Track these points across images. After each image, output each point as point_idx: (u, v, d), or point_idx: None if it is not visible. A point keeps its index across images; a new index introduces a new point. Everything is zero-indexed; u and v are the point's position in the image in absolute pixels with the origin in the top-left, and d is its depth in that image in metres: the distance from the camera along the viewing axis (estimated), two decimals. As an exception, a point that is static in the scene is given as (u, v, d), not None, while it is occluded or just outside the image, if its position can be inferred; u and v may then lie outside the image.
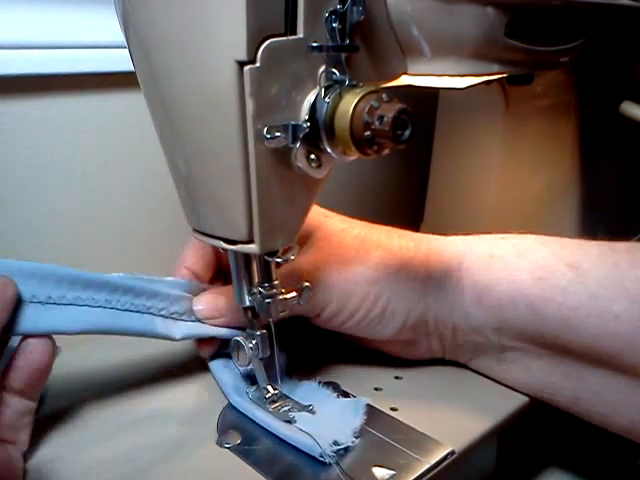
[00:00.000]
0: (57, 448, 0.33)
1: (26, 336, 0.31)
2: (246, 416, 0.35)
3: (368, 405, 0.36)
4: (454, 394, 0.38)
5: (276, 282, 0.35)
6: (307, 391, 0.37)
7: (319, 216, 0.40)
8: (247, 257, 0.35)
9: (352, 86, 0.28)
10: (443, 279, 0.37)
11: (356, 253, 0.37)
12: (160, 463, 0.32)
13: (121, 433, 0.34)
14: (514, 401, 0.38)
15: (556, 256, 0.36)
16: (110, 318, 0.34)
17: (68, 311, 0.33)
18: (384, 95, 0.27)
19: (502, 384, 0.39)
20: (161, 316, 0.36)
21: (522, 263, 0.36)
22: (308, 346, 0.43)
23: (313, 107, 0.28)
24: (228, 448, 0.33)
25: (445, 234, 0.41)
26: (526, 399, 0.38)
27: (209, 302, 0.38)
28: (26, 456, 0.32)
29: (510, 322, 0.36)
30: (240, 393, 0.37)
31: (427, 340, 0.39)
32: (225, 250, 0.34)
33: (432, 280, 0.37)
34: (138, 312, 0.35)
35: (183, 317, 0.37)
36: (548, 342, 0.35)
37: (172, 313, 0.37)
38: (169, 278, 0.39)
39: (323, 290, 0.37)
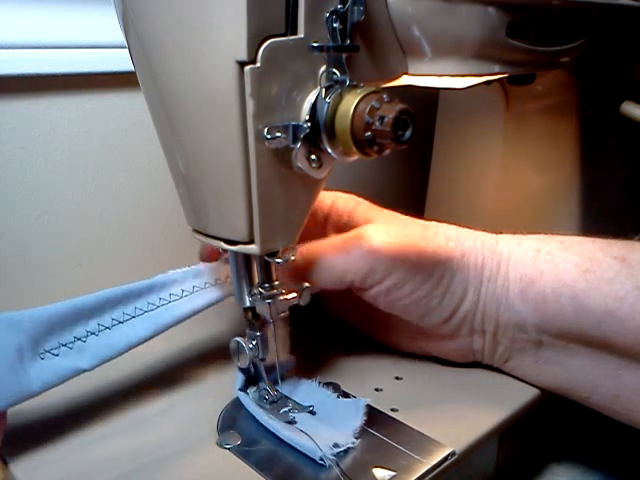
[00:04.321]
0: (56, 448, 0.33)
1: None
2: (246, 417, 0.35)
3: (368, 406, 0.35)
4: (454, 395, 0.38)
5: (276, 283, 0.35)
6: (307, 391, 0.37)
7: (377, 210, 0.41)
8: (247, 258, 0.35)
9: (353, 86, 0.28)
10: (493, 272, 0.37)
11: (424, 234, 0.38)
12: (160, 464, 0.32)
13: (121, 433, 0.34)
14: (515, 401, 0.37)
15: (604, 250, 0.35)
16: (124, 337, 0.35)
17: (83, 350, 0.33)
18: (385, 95, 0.27)
19: (502, 384, 0.39)
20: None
21: (568, 256, 0.36)
22: (308, 346, 0.43)
23: (314, 107, 0.28)
24: (228, 449, 0.33)
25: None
26: (527, 400, 0.38)
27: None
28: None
29: (552, 318, 0.36)
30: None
31: (470, 337, 0.39)
32: (225, 250, 0.34)
33: (485, 271, 0.37)
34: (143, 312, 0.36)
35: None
36: (590, 338, 0.35)
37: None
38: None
39: (394, 257, 0.36)
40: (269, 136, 0.28)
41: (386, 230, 0.38)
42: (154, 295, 0.36)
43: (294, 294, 0.35)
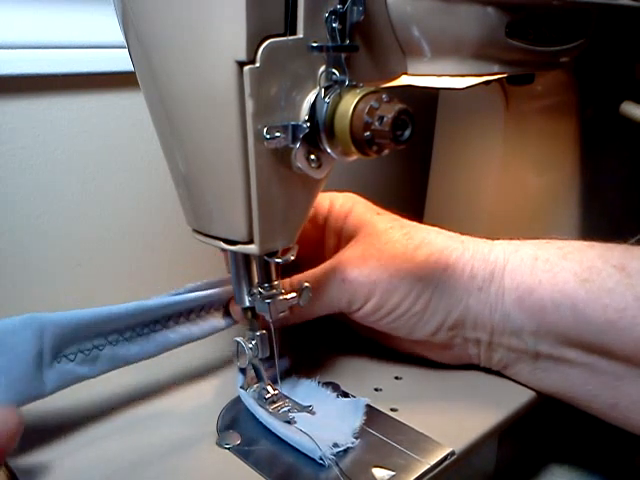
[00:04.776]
0: (56, 447, 0.33)
1: None
2: (246, 417, 0.35)
3: (368, 405, 0.36)
4: (454, 394, 0.38)
5: (276, 282, 0.35)
6: (307, 391, 0.37)
7: (371, 212, 0.41)
8: (247, 257, 0.35)
9: (352, 86, 0.28)
10: (486, 281, 0.37)
11: (404, 250, 0.38)
12: (160, 463, 0.32)
13: (120, 433, 0.34)
14: (514, 401, 0.38)
15: (603, 258, 0.35)
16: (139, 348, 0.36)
17: (97, 358, 0.34)
18: (384, 95, 0.27)
19: (502, 385, 0.39)
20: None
21: (567, 265, 0.35)
22: (308, 346, 0.43)
23: (313, 107, 0.28)
24: (228, 449, 0.33)
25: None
26: (526, 399, 0.38)
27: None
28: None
29: (551, 325, 0.35)
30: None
31: (464, 345, 0.39)
32: (225, 250, 0.34)
33: (475, 281, 0.37)
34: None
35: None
36: (589, 346, 0.35)
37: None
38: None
39: (369, 283, 0.37)
40: (268, 136, 0.28)
41: (362, 254, 0.38)
42: (174, 314, 0.37)
43: (293, 294, 0.35)
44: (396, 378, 0.40)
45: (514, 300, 0.36)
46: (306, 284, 0.36)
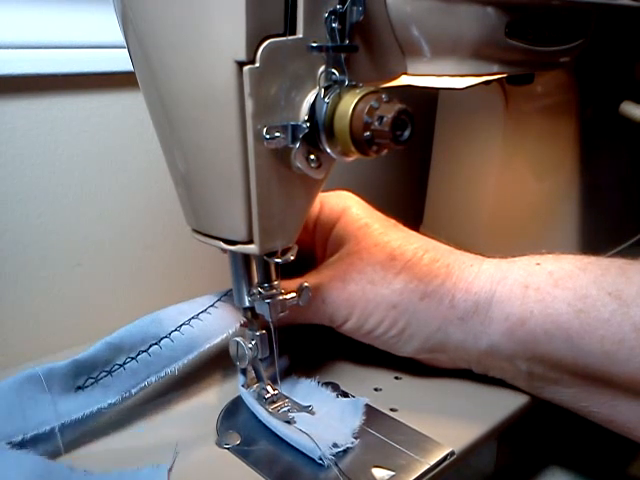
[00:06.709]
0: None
1: None
2: (246, 417, 0.35)
3: (367, 405, 0.36)
4: (454, 395, 0.38)
5: (275, 282, 0.35)
6: (306, 391, 0.37)
7: (359, 222, 0.40)
8: (247, 257, 0.35)
9: (351, 86, 0.28)
10: (468, 312, 0.36)
11: (384, 274, 0.37)
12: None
13: (121, 433, 0.34)
14: (514, 402, 0.38)
15: (597, 284, 0.34)
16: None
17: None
18: (384, 95, 0.27)
19: (501, 385, 0.39)
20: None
21: (559, 293, 0.34)
22: (308, 346, 0.43)
23: (312, 107, 0.28)
24: (227, 449, 0.33)
25: (444, 234, 0.40)
26: (526, 400, 0.38)
27: None
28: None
29: (544, 355, 0.35)
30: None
31: (451, 360, 0.39)
32: (224, 250, 0.34)
33: (455, 311, 0.36)
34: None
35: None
36: (585, 373, 0.34)
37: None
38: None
39: (346, 306, 0.38)
40: (268, 136, 0.28)
41: (343, 276, 0.38)
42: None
43: (293, 294, 0.35)
44: (396, 378, 0.40)
45: (504, 331, 0.35)
46: (306, 284, 0.36)
